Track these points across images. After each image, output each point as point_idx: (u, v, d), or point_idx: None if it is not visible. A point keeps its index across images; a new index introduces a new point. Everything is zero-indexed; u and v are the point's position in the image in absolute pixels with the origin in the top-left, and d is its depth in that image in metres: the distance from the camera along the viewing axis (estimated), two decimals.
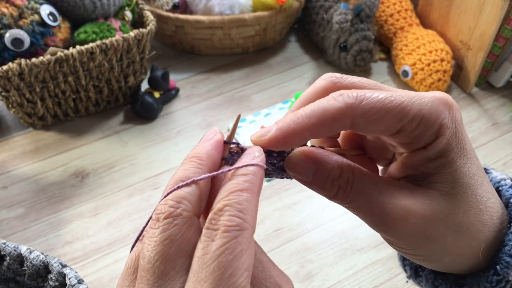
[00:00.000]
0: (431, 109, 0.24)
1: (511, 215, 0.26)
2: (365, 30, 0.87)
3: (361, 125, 0.24)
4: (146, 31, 0.76)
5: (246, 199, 0.21)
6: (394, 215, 0.24)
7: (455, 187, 0.24)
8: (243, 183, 0.22)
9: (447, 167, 0.24)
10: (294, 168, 0.26)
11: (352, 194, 0.25)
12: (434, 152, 0.24)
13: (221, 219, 0.21)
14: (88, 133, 0.80)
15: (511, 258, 0.25)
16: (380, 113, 0.23)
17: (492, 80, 0.90)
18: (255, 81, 0.91)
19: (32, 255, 0.39)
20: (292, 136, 0.24)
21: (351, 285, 0.60)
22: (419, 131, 0.24)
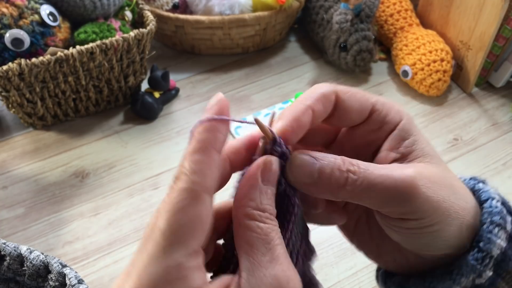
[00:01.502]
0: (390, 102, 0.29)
1: (480, 199, 0.28)
2: (365, 30, 0.87)
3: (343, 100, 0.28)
4: (146, 31, 0.76)
5: (193, 160, 0.22)
6: (406, 182, 0.25)
7: (433, 157, 0.27)
8: (191, 146, 0.23)
9: (419, 144, 0.27)
10: (299, 168, 0.25)
11: (363, 173, 0.25)
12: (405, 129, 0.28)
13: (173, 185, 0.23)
14: (88, 133, 0.80)
15: (491, 234, 0.26)
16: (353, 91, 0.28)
17: (492, 80, 0.90)
18: (255, 81, 0.91)
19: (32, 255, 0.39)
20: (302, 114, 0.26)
21: (351, 285, 0.60)
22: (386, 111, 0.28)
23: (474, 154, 0.78)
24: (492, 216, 0.27)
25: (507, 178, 0.74)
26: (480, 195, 0.29)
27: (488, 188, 0.29)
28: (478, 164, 0.76)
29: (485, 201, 0.28)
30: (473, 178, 0.31)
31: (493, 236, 0.26)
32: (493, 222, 0.27)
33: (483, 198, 0.28)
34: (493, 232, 0.26)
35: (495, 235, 0.26)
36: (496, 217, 0.27)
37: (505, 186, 0.73)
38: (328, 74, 0.93)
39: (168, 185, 0.24)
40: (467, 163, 0.76)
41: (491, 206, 0.27)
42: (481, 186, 0.29)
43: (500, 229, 0.26)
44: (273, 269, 0.22)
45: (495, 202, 0.28)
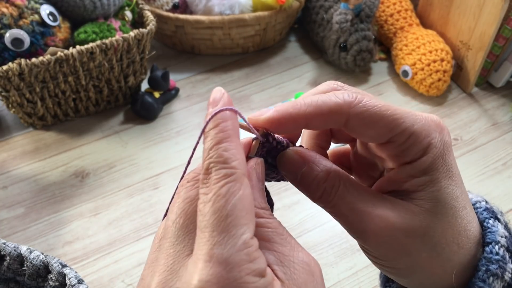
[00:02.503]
0: (423, 127, 0.25)
1: (485, 239, 0.27)
2: (365, 30, 0.87)
3: (354, 125, 0.25)
4: (146, 31, 0.76)
5: (224, 148, 0.22)
6: (372, 225, 0.24)
7: (437, 206, 0.25)
8: (216, 135, 0.22)
9: (431, 186, 0.25)
10: (285, 165, 0.27)
11: (336, 199, 0.25)
12: (420, 168, 0.25)
13: (210, 176, 0.22)
14: (88, 133, 0.80)
15: (484, 284, 0.25)
16: (374, 117, 0.24)
17: (492, 80, 0.90)
18: (255, 81, 0.91)
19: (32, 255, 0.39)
20: (288, 119, 0.25)
21: (351, 285, 0.60)
22: (408, 144, 0.25)
23: (474, 154, 0.78)
24: (490, 264, 0.25)
25: (507, 178, 0.74)
26: (485, 235, 0.27)
27: (496, 229, 0.27)
28: (478, 164, 0.76)
29: (488, 243, 0.26)
30: (488, 210, 0.28)
31: (486, 286, 0.25)
32: (489, 270, 0.25)
33: (487, 240, 0.26)
34: (487, 281, 0.25)
35: (489, 285, 0.25)
36: (493, 265, 0.25)
37: (505, 186, 0.73)
38: (328, 74, 0.93)
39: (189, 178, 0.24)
40: (467, 163, 0.76)
41: (491, 252, 0.26)
42: (490, 225, 0.27)
43: (495, 279, 0.25)
44: (298, 256, 0.23)
45: (498, 248, 0.26)
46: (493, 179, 0.74)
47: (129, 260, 0.62)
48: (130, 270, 0.61)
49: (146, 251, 0.63)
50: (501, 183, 0.73)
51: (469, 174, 0.74)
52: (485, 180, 0.74)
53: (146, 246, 0.64)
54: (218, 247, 0.20)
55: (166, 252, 0.22)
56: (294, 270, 0.22)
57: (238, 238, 0.20)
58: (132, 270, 0.61)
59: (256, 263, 0.20)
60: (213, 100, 0.24)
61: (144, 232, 0.66)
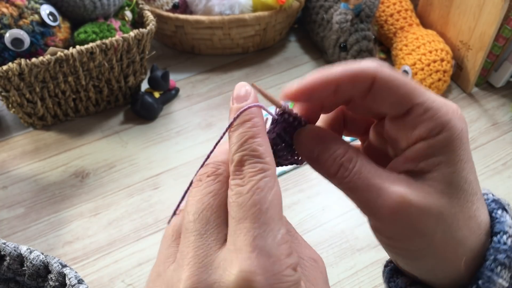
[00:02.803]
0: (443, 105, 0.25)
1: (493, 228, 0.27)
2: (365, 30, 0.87)
3: (379, 88, 0.25)
4: (146, 31, 0.76)
5: (258, 143, 0.23)
6: (389, 201, 0.24)
7: (451, 188, 0.25)
8: (249, 129, 0.23)
9: (446, 167, 0.25)
10: (303, 140, 0.27)
11: (352, 175, 0.25)
12: (437, 146, 0.24)
13: (243, 169, 0.22)
14: (88, 133, 0.80)
15: (492, 273, 0.25)
16: (398, 82, 0.25)
17: (492, 80, 0.90)
18: (255, 81, 0.91)
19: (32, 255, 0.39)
20: (319, 84, 0.25)
21: (351, 285, 0.60)
22: (427, 117, 0.24)
23: (474, 154, 0.78)
24: (498, 253, 0.25)
25: (507, 178, 0.74)
26: (494, 225, 0.27)
27: (504, 219, 0.27)
28: (478, 164, 0.76)
29: (496, 233, 0.26)
30: (496, 201, 0.28)
31: (494, 275, 0.25)
32: (497, 260, 0.25)
33: (496, 230, 0.26)
34: (494, 271, 0.25)
35: (497, 274, 0.25)
36: (501, 255, 0.25)
37: (505, 186, 0.73)
38: None
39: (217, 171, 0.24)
40: None
41: (499, 241, 0.26)
42: (498, 215, 0.27)
43: (503, 268, 0.25)
44: (306, 253, 0.23)
45: (506, 238, 0.26)
46: (493, 179, 0.74)
47: (129, 260, 0.62)
48: (130, 270, 0.61)
49: (146, 251, 0.63)
50: (501, 183, 0.73)
51: None
52: (485, 180, 0.74)
53: (146, 246, 0.64)
54: (260, 239, 0.20)
55: (194, 245, 0.22)
56: (304, 267, 0.23)
57: (278, 232, 0.21)
58: (132, 270, 0.61)
59: (292, 258, 0.21)
60: (238, 95, 0.24)
61: (144, 232, 0.66)
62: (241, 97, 0.24)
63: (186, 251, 0.22)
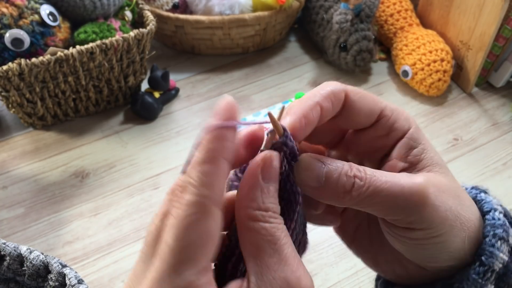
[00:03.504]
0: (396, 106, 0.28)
1: (483, 210, 0.28)
2: (365, 30, 0.87)
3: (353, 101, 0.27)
4: (146, 31, 0.76)
5: (203, 172, 0.21)
6: (415, 190, 0.24)
7: (441, 168, 0.27)
8: (201, 155, 0.22)
9: (426, 152, 0.27)
10: (306, 171, 0.25)
11: (369, 179, 0.24)
12: (413, 138, 0.28)
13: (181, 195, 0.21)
14: (88, 133, 0.80)
15: (494, 248, 0.26)
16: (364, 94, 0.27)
17: (492, 80, 0.90)
18: (255, 81, 0.91)
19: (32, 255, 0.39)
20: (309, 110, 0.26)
21: (351, 285, 0.60)
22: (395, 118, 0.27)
23: (474, 154, 0.78)
24: (495, 229, 0.26)
25: (507, 178, 0.74)
26: (482, 206, 0.28)
27: (490, 199, 0.28)
28: (478, 164, 0.76)
29: (487, 212, 0.27)
30: (475, 188, 0.30)
31: (496, 250, 0.26)
32: (496, 235, 0.26)
33: (486, 209, 0.28)
34: (495, 245, 0.26)
35: (498, 249, 0.26)
36: (499, 230, 0.26)
37: (505, 186, 0.73)
38: (328, 74, 0.93)
39: (171, 190, 0.22)
40: (467, 163, 0.76)
41: (493, 218, 0.27)
42: (483, 197, 0.29)
43: (502, 243, 0.26)
44: (282, 271, 0.22)
45: (498, 214, 0.27)
46: (493, 179, 0.74)
47: (129, 260, 0.62)
48: (130, 270, 0.61)
49: None
50: (501, 183, 0.73)
51: (469, 174, 0.74)
52: (485, 180, 0.74)
53: None
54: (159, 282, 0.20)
55: (134, 267, 0.23)
56: (270, 286, 0.21)
57: (183, 274, 0.20)
58: None
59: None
60: (218, 110, 0.22)
61: (144, 232, 0.66)
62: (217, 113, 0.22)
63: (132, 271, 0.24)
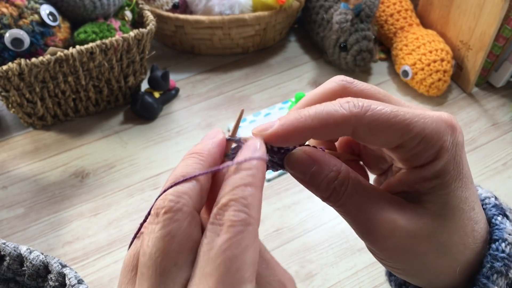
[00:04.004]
0: (434, 130, 0.24)
1: (492, 235, 0.27)
2: (365, 30, 0.87)
3: (362, 135, 0.24)
4: (146, 31, 0.76)
5: (250, 193, 0.21)
6: (379, 226, 0.24)
7: (445, 208, 0.25)
8: (247, 177, 0.21)
9: (441, 189, 0.25)
10: (294, 165, 0.26)
11: (344, 198, 0.25)
12: (431, 172, 0.25)
13: (226, 214, 0.20)
14: (88, 133, 0.80)
15: (488, 280, 0.25)
16: (383, 126, 0.24)
17: (492, 80, 0.90)
18: (255, 81, 0.91)
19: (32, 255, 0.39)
20: (293, 133, 0.24)
21: (351, 285, 0.60)
22: (419, 149, 0.24)
23: (474, 154, 0.78)
24: (495, 261, 0.26)
25: (507, 178, 0.74)
26: (493, 231, 0.27)
27: (504, 226, 0.27)
28: (478, 164, 0.76)
29: (495, 240, 0.26)
30: (497, 207, 0.28)
31: (490, 283, 0.25)
32: (494, 267, 0.25)
33: (494, 237, 0.27)
34: (490, 278, 0.25)
35: (492, 282, 0.25)
36: (498, 263, 0.25)
37: (505, 186, 0.73)
38: (328, 74, 0.93)
39: None
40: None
41: (497, 249, 0.26)
42: (498, 221, 0.27)
43: (499, 276, 0.25)
44: (274, 275, 0.22)
45: (504, 246, 0.26)
46: (493, 179, 0.74)
47: None
48: None
49: None
50: (501, 183, 0.73)
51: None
52: (485, 180, 0.74)
53: None
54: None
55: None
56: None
57: None
58: None
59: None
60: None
61: None
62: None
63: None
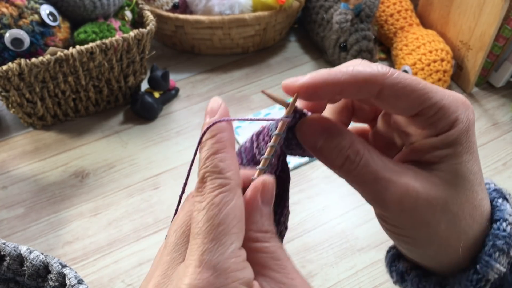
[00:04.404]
0: (451, 102, 0.26)
1: (493, 216, 0.27)
2: (365, 30, 0.87)
3: (387, 96, 0.25)
4: (146, 31, 0.76)
5: (220, 159, 0.23)
6: (397, 192, 0.25)
7: (457, 178, 0.25)
8: (212, 146, 0.23)
9: (453, 159, 0.25)
10: (306, 131, 0.26)
11: (360, 168, 0.25)
12: (445, 142, 0.25)
13: (205, 185, 0.23)
14: (88, 133, 0.80)
15: (490, 258, 0.26)
16: (406, 89, 0.25)
17: (492, 80, 0.90)
18: (255, 81, 0.91)
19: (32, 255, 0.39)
20: (323, 86, 0.25)
21: (351, 285, 0.60)
22: (436, 118, 0.25)
23: None
24: (497, 239, 0.26)
25: (507, 178, 0.74)
26: (494, 212, 0.28)
27: (504, 207, 0.28)
28: None
29: (496, 220, 0.27)
30: (497, 191, 0.29)
31: (492, 260, 0.26)
32: (495, 245, 0.26)
33: (496, 217, 0.27)
34: (493, 256, 0.26)
35: (495, 260, 0.26)
36: (500, 241, 0.26)
37: (505, 186, 0.72)
38: None
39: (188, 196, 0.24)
40: None
41: (499, 228, 0.27)
42: (499, 203, 0.28)
43: (501, 254, 0.26)
44: (290, 284, 0.23)
45: (505, 225, 0.27)
46: (493, 179, 0.74)
47: (129, 260, 0.62)
48: (130, 270, 0.61)
49: (146, 251, 0.63)
50: (501, 183, 0.73)
51: None
52: (485, 180, 0.74)
53: (146, 246, 0.64)
54: (208, 254, 0.21)
55: (164, 259, 0.23)
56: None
57: (228, 246, 0.21)
58: (132, 270, 0.61)
59: (243, 272, 0.21)
60: (211, 110, 0.24)
61: (144, 232, 0.66)
62: (212, 112, 0.24)
63: (159, 265, 0.23)
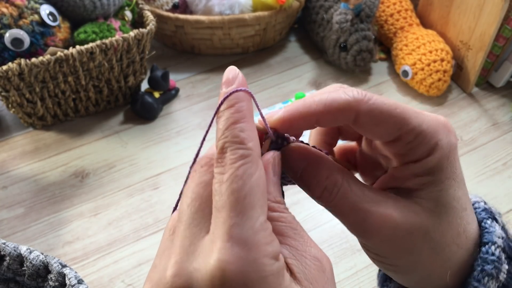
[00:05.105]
0: (430, 127, 0.25)
1: (482, 239, 0.27)
2: (365, 30, 0.87)
3: (363, 122, 0.24)
4: (146, 31, 0.76)
5: (240, 129, 0.22)
6: (375, 223, 0.24)
7: (439, 206, 0.25)
8: (232, 115, 0.22)
9: (434, 186, 0.25)
10: (286, 160, 0.26)
11: (337, 199, 0.25)
12: (425, 168, 0.25)
13: (225, 156, 0.22)
14: (88, 133, 0.80)
15: (479, 283, 0.25)
16: (383, 115, 0.24)
17: (492, 80, 0.90)
18: (255, 81, 0.91)
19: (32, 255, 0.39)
20: (299, 118, 0.25)
21: (351, 285, 0.60)
22: (415, 143, 0.25)
23: (474, 154, 0.78)
24: (485, 264, 0.26)
25: (507, 178, 0.74)
26: (483, 235, 0.27)
27: (493, 229, 0.27)
28: (478, 164, 0.76)
29: (485, 243, 0.26)
30: (486, 211, 0.28)
31: (481, 286, 0.25)
32: (484, 270, 0.25)
33: (484, 240, 0.27)
34: (481, 281, 0.25)
35: (484, 285, 0.25)
36: (489, 265, 0.26)
37: (505, 186, 0.73)
38: (328, 74, 0.93)
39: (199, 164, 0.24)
40: (467, 163, 0.76)
41: (487, 252, 0.26)
42: (488, 225, 0.27)
43: (490, 279, 0.25)
44: (309, 251, 0.23)
45: (494, 249, 0.26)
46: (493, 179, 0.74)
47: (129, 260, 0.62)
48: (130, 270, 0.61)
49: (146, 251, 0.63)
50: (501, 183, 0.73)
51: (469, 174, 0.74)
52: (485, 180, 0.74)
53: (146, 246, 0.64)
54: (236, 228, 0.20)
55: (182, 235, 0.22)
56: (305, 265, 0.22)
57: (256, 220, 0.20)
58: (132, 270, 0.61)
59: (272, 246, 0.21)
60: (227, 79, 0.23)
61: (144, 232, 0.66)
62: (229, 82, 0.23)
63: (175, 240, 0.22)
